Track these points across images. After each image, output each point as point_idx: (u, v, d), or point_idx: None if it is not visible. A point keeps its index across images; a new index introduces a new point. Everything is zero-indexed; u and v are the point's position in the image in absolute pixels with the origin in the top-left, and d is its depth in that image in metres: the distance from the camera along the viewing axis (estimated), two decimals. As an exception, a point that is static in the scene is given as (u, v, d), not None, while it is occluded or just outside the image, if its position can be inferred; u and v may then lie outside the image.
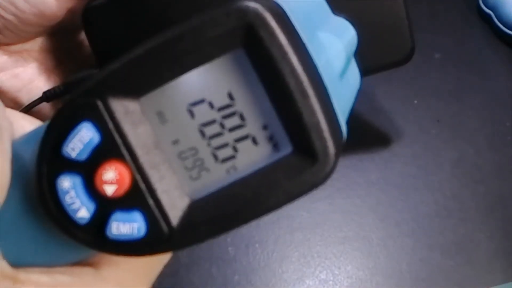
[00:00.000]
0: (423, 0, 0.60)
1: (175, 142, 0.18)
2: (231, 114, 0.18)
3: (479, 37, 0.59)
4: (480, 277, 0.45)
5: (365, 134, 0.52)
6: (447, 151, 0.51)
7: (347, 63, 0.23)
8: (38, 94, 0.34)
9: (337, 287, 0.44)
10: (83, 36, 0.36)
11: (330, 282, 0.44)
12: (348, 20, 0.26)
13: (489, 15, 0.58)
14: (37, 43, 0.35)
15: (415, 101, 0.53)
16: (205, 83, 0.18)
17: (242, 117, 0.18)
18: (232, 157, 0.19)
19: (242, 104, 0.18)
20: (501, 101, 0.54)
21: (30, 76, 0.35)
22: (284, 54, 0.17)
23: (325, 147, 0.17)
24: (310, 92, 0.17)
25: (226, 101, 0.18)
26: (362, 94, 0.51)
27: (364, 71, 0.39)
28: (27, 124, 0.23)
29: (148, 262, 0.21)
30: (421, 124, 0.52)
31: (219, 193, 0.18)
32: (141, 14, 0.32)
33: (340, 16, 0.26)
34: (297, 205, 0.47)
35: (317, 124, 0.17)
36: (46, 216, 0.19)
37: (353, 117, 0.52)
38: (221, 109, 0.18)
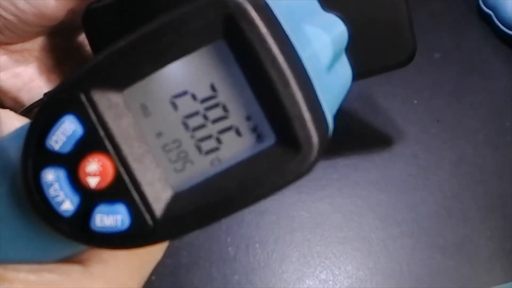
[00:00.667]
0: (423, 0, 0.60)
1: (159, 134, 0.18)
2: (214, 106, 0.18)
3: (479, 37, 0.58)
4: (480, 277, 0.45)
5: (365, 134, 0.52)
6: (447, 151, 0.51)
7: (336, 57, 0.23)
8: (39, 93, 0.35)
9: (337, 287, 0.44)
10: (83, 36, 0.36)
11: (330, 282, 0.44)
12: (341, 18, 0.26)
13: (489, 15, 0.58)
14: (37, 43, 0.35)
15: (415, 101, 0.53)
16: (187, 75, 0.18)
17: (225, 109, 0.18)
18: (216, 149, 0.19)
19: (225, 95, 0.18)
20: (501, 101, 0.54)
21: (31, 76, 0.35)
22: (264, 44, 0.17)
23: (308, 137, 0.17)
24: (292, 81, 0.17)
25: (209, 92, 0.18)
26: (362, 94, 0.52)
27: (365, 73, 0.39)
28: (20, 125, 0.24)
29: (139, 260, 0.21)
30: (421, 124, 0.52)
31: (203, 184, 0.18)
32: (142, 16, 0.32)
33: (333, 13, 0.25)
34: (297, 205, 0.47)
35: (299, 114, 0.17)
36: (32, 211, 0.19)
37: (353, 117, 0.52)
38: (204, 100, 0.18)
